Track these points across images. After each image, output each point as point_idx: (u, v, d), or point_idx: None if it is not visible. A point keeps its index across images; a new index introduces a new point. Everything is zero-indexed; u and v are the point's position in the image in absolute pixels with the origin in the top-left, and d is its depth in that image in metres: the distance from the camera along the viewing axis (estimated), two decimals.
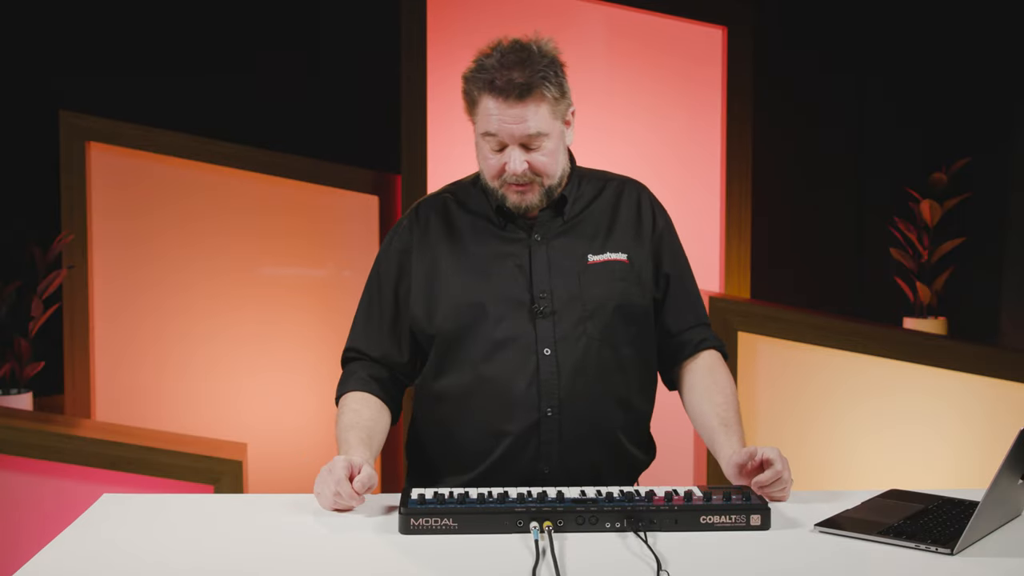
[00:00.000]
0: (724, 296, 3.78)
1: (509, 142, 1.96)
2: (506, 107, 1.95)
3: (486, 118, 1.97)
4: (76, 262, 3.92)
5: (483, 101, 1.97)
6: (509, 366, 1.98)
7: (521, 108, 1.94)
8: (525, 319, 2.00)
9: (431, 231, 2.08)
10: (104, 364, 4.01)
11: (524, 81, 1.94)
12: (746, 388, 3.58)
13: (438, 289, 2.03)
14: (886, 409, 3.56)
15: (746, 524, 1.76)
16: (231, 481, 3.15)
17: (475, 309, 2.00)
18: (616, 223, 2.09)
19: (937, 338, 3.70)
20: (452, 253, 2.05)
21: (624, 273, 2.05)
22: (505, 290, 2.01)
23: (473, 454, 2.02)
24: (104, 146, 3.98)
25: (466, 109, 2.05)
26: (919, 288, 4.37)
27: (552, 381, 1.98)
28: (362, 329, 2.11)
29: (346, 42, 4.57)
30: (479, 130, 2.00)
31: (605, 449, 2.04)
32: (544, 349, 1.99)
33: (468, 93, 2.02)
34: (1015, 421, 3.47)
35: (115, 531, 1.77)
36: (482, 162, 2.03)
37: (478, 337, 2.00)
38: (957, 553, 1.64)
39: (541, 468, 1.99)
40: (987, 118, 4.59)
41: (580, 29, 3.90)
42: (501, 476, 1.98)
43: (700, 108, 4.02)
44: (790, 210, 4.75)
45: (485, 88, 1.96)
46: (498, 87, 1.94)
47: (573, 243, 2.05)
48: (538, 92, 1.94)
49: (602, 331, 2.02)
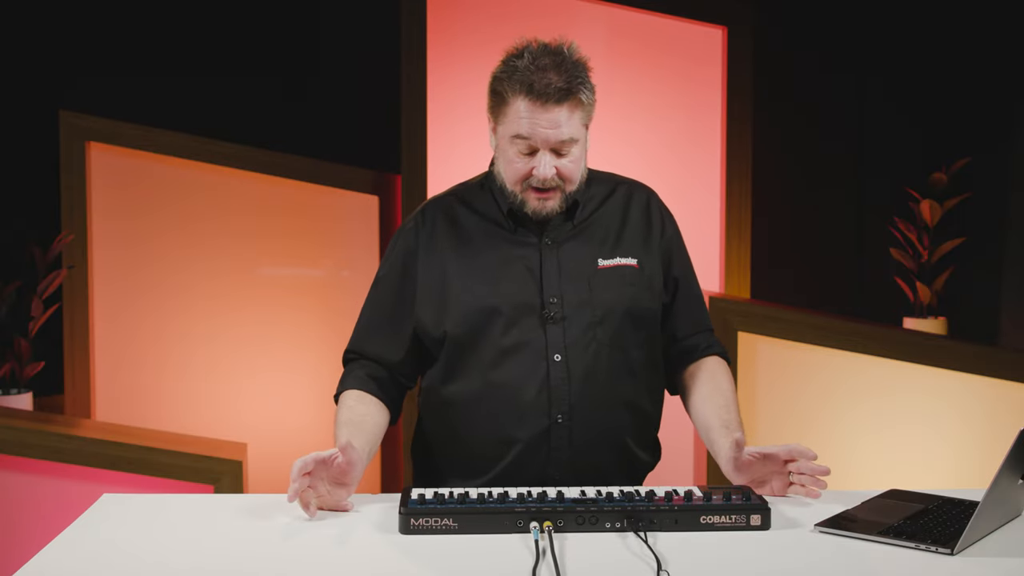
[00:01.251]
0: (724, 296, 3.77)
1: (541, 147, 1.93)
2: (542, 111, 1.91)
3: (517, 121, 1.93)
4: (76, 262, 3.92)
5: (516, 103, 1.93)
6: (519, 372, 1.97)
7: (557, 113, 1.91)
8: (535, 324, 1.99)
9: (438, 233, 2.06)
10: (104, 364, 4.01)
11: (563, 86, 1.90)
12: (746, 388, 3.58)
13: (447, 294, 2.02)
14: (886, 409, 3.56)
15: (746, 524, 1.76)
16: (231, 481, 3.15)
17: (485, 314, 1.99)
18: (626, 228, 2.08)
19: (937, 338, 3.70)
20: (460, 257, 2.03)
21: (634, 278, 2.04)
22: (515, 295, 2.00)
23: (483, 460, 2.01)
24: (104, 146, 3.98)
25: (490, 108, 2.00)
26: (919, 288, 4.37)
27: (562, 387, 1.98)
28: (363, 331, 2.10)
29: (346, 42, 4.57)
30: (507, 132, 1.95)
31: (613, 454, 2.04)
32: (554, 355, 1.98)
33: (499, 93, 1.96)
34: (1015, 421, 3.46)
35: (115, 531, 1.77)
36: (506, 165, 1.98)
37: (488, 343, 1.99)
38: (957, 553, 1.64)
39: (551, 474, 1.99)
40: (987, 118, 4.59)
41: (580, 29, 3.90)
42: (510, 482, 1.96)
43: (700, 108, 4.02)
44: (790, 210, 4.75)
45: (522, 90, 1.91)
46: (536, 90, 1.90)
47: (583, 247, 2.04)
48: (575, 98, 1.92)
49: (612, 336, 2.01)
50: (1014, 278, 4.48)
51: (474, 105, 2.17)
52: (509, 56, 1.97)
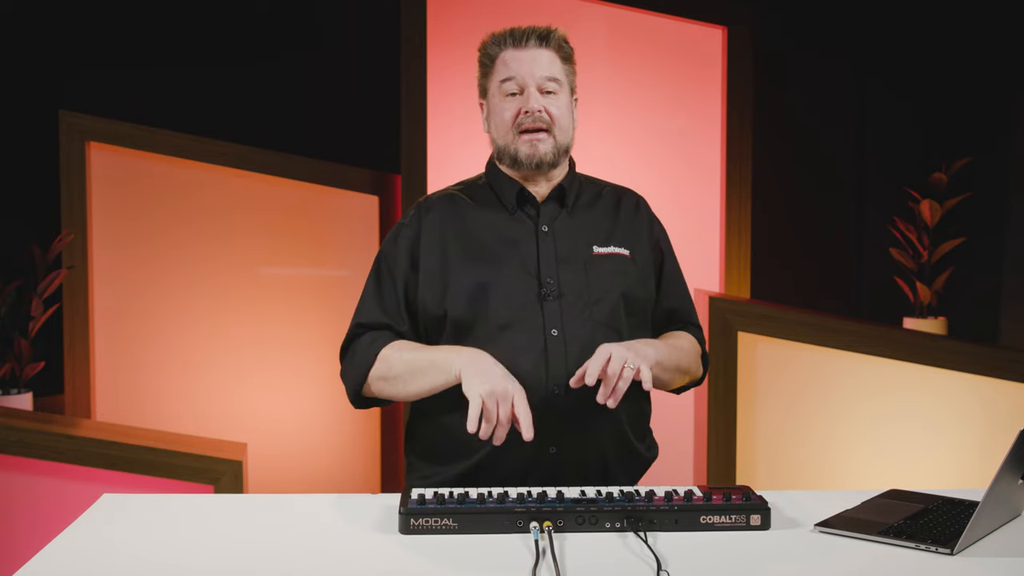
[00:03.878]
0: (724, 296, 3.77)
1: (528, 82, 2.06)
2: (525, 52, 2.08)
3: (504, 67, 2.08)
4: (76, 262, 3.92)
5: (502, 55, 2.09)
6: (517, 346, 2.00)
7: (539, 52, 2.08)
8: (533, 301, 2.03)
9: (439, 219, 2.11)
10: (104, 364, 4.01)
11: (542, 33, 2.10)
12: (746, 388, 3.58)
13: (447, 274, 2.05)
14: (886, 409, 3.56)
15: (746, 524, 1.76)
16: (231, 481, 3.15)
17: (483, 292, 2.03)
18: (618, 222, 2.15)
19: (937, 338, 3.70)
20: (460, 238, 2.09)
21: (627, 267, 2.10)
22: (513, 274, 2.04)
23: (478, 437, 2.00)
24: (104, 146, 3.99)
25: (481, 80, 2.14)
26: (919, 288, 4.37)
27: (559, 361, 2.00)
28: (374, 305, 2.10)
29: (346, 42, 4.57)
30: (497, 80, 2.09)
31: (610, 436, 2.04)
32: (551, 330, 2.02)
33: (488, 56, 2.12)
34: (1015, 421, 3.47)
35: (115, 531, 1.77)
36: (497, 116, 2.10)
37: (486, 319, 2.02)
38: (957, 553, 1.64)
39: (548, 448, 1.99)
40: (987, 118, 4.59)
41: (580, 29, 3.90)
42: (508, 456, 1.98)
43: (700, 108, 4.02)
44: (790, 210, 4.76)
45: (505, 43, 2.09)
46: (517, 36, 2.09)
47: (579, 234, 2.10)
48: (555, 44, 2.10)
49: (607, 316, 2.05)
50: (1014, 278, 4.48)
51: (474, 105, 2.18)
52: (491, 34, 2.15)
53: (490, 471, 2.01)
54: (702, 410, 3.65)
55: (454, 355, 1.95)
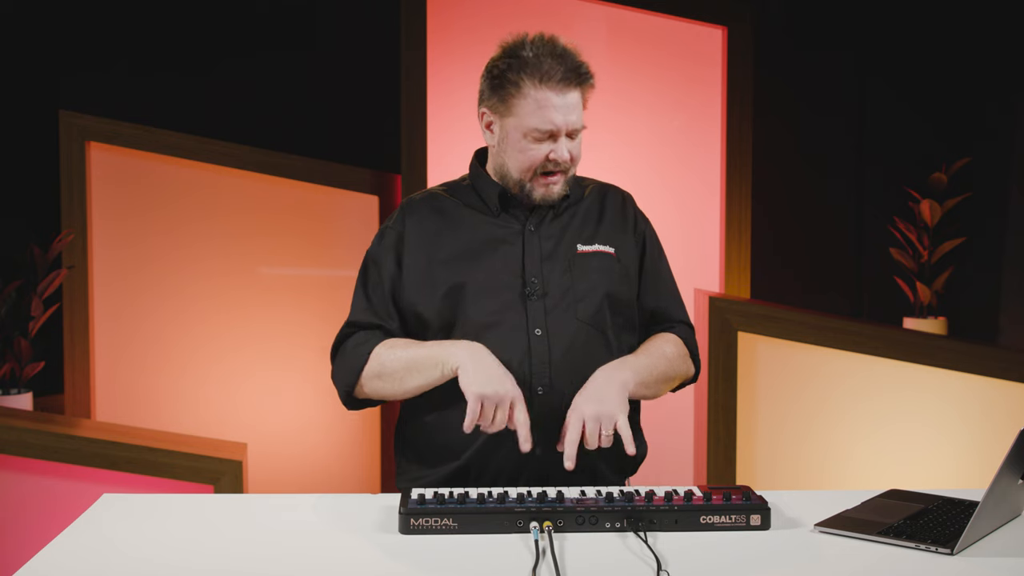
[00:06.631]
0: (724, 296, 3.77)
1: (562, 130, 2.00)
2: (562, 98, 1.99)
3: (539, 112, 1.99)
4: (76, 262, 3.92)
5: (535, 95, 1.99)
6: (500, 345, 1.98)
7: (573, 97, 2.00)
8: (516, 300, 2.03)
9: (424, 218, 2.11)
10: (104, 364, 4.01)
11: (576, 73, 2.00)
12: (746, 388, 3.58)
13: (431, 273, 2.05)
14: (886, 409, 3.56)
15: (746, 524, 1.76)
16: (231, 481, 3.15)
17: (467, 290, 2.03)
18: (603, 220, 2.14)
19: (937, 338, 3.70)
20: (444, 237, 2.08)
21: (612, 265, 2.09)
22: (497, 273, 2.04)
23: (461, 437, 1.99)
24: (104, 146, 3.98)
25: (492, 101, 2.05)
26: (919, 288, 4.37)
27: (543, 360, 2.00)
28: (365, 305, 2.11)
29: (346, 42, 4.57)
30: (524, 123, 2.00)
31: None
32: (535, 329, 2.01)
33: (511, 83, 2.01)
34: (1015, 421, 3.46)
35: (115, 531, 1.77)
36: (518, 155, 2.03)
37: (470, 318, 2.02)
38: (957, 553, 1.64)
39: (533, 449, 1.98)
40: (987, 118, 4.59)
41: (580, 29, 3.90)
42: (494, 457, 1.98)
43: (700, 108, 4.02)
44: (790, 210, 4.75)
45: (540, 80, 1.98)
46: (554, 79, 1.98)
47: (563, 233, 2.09)
48: (587, 84, 2.02)
49: (592, 316, 2.04)
50: (1014, 278, 4.48)
51: (474, 105, 2.18)
52: (510, 48, 2.03)
53: (478, 472, 2.01)
54: (702, 410, 3.65)
55: (453, 348, 1.95)
